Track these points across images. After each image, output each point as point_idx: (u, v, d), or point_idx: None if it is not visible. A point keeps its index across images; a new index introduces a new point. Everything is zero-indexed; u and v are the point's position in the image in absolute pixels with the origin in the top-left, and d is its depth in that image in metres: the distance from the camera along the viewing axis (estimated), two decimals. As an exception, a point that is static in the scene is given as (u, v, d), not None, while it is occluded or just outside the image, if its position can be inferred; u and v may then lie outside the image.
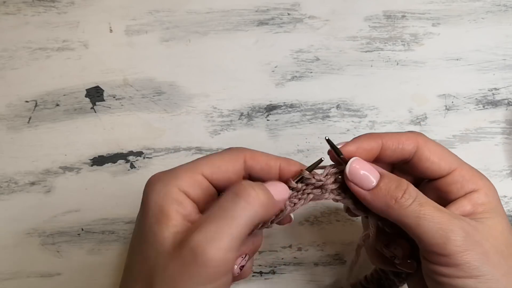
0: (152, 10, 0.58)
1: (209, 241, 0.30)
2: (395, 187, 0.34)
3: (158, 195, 0.33)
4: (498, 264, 0.33)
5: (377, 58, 0.56)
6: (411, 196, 0.34)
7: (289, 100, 0.55)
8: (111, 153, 0.54)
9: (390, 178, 0.35)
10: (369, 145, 0.36)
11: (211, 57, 0.57)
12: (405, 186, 0.34)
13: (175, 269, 0.30)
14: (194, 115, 0.55)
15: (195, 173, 0.34)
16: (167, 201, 0.33)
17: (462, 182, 0.35)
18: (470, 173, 0.36)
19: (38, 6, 0.59)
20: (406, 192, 0.34)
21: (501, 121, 0.54)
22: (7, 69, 0.57)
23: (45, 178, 0.53)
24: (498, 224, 0.34)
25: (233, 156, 0.36)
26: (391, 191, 0.34)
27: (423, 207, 0.33)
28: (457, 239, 0.32)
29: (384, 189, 0.34)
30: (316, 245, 0.51)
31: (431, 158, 0.36)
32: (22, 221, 0.52)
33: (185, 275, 0.30)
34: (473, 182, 0.36)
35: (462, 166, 0.36)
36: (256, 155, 0.36)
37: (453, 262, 0.32)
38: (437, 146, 0.36)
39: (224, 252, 0.30)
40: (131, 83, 0.56)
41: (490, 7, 0.58)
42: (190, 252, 0.30)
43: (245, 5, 0.58)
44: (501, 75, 0.56)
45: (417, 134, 0.37)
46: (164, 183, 0.34)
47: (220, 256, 0.30)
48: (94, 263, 0.51)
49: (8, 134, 0.55)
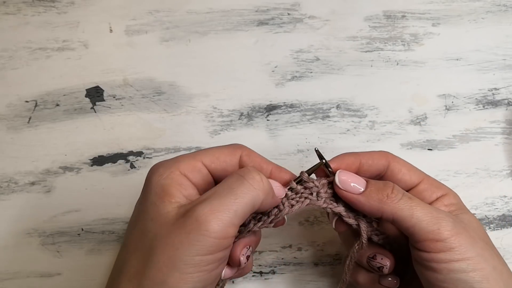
0: (152, 10, 0.58)
1: (213, 212, 0.32)
2: (384, 185, 0.37)
3: (160, 177, 0.35)
4: (484, 247, 0.36)
5: (377, 58, 0.56)
6: (400, 191, 0.37)
7: (289, 100, 0.55)
8: (111, 153, 0.54)
9: (375, 181, 0.38)
10: (350, 160, 0.40)
11: (211, 57, 0.57)
12: (391, 185, 0.37)
13: (177, 237, 0.32)
14: (194, 115, 0.55)
15: (195, 160, 0.37)
16: (169, 182, 0.35)
17: (431, 189, 0.39)
18: (436, 182, 0.40)
19: (38, 6, 0.59)
20: (394, 188, 0.37)
21: (501, 121, 0.54)
22: (7, 69, 0.57)
23: (45, 178, 0.53)
24: (472, 218, 0.38)
25: (231, 150, 0.38)
26: (381, 188, 0.37)
27: (413, 200, 0.36)
28: (448, 224, 0.35)
29: (374, 188, 0.37)
30: (316, 245, 0.51)
31: (402, 169, 0.40)
32: (22, 221, 0.52)
33: (185, 242, 0.31)
34: (440, 189, 0.40)
35: (428, 177, 0.40)
36: (252, 154, 0.39)
37: (447, 246, 0.35)
38: (405, 161, 0.41)
39: (225, 225, 0.32)
40: (131, 83, 0.56)
41: (490, 7, 0.58)
42: (194, 220, 0.32)
43: (245, 5, 0.58)
44: (501, 75, 0.56)
45: (386, 152, 0.41)
46: (165, 167, 0.36)
47: (221, 228, 0.32)
48: (94, 263, 0.51)
49: (8, 134, 0.55)
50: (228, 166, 0.38)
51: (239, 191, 0.33)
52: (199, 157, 0.37)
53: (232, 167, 0.38)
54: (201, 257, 0.32)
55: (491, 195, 0.52)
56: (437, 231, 0.35)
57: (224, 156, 0.38)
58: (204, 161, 0.37)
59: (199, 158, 0.37)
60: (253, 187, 0.34)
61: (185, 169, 0.36)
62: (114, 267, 0.36)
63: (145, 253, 0.33)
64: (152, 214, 0.34)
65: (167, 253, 0.32)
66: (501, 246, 0.51)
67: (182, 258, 0.31)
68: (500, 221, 0.52)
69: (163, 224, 0.33)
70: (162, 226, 0.33)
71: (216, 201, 0.33)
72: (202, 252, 0.32)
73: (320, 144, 0.54)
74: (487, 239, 0.38)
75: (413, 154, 0.53)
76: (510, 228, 0.51)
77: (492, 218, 0.51)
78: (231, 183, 0.34)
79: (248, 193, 0.33)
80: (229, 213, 0.32)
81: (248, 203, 0.33)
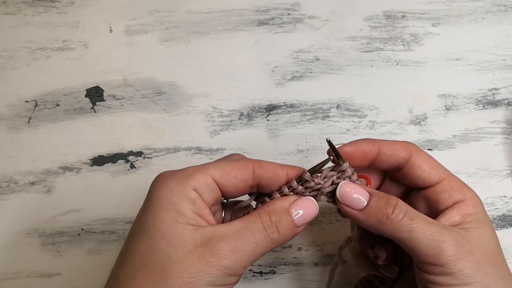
0: (152, 10, 0.58)
1: (233, 253, 0.33)
2: (385, 204, 0.35)
3: (171, 193, 0.34)
4: (488, 271, 0.34)
5: (377, 58, 0.56)
6: (401, 210, 0.35)
7: (289, 100, 0.55)
8: (111, 153, 0.54)
9: (379, 196, 0.36)
10: (367, 147, 0.38)
11: (211, 57, 0.57)
12: (394, 202, 0.35)
13: (194, 266, 0.32)
14: (194, 115, 0.55)
15: (206, 175, 0.35)
16: (181, 199, 0.34)
17: (450, 192, 0.37)
18: (458, 184, 0.38)
19: (38, 6, 0.59)
20: (396, 208, 0.35)
21: (501, 121, 0.54)
22: (7, 69, 0.57)
23: (45, 178, 0.53)
24: (485, 233, 0.36)
25: (243, 164, 0.37)
26: (381, 208, 0.35)
27: (414, 220, 0.34)
28: (449, 248, 0.33)
29: (375, 207, 0.35)
30: (316, 245, 0.51)
31: (422, 166, 0.37)
32: (22, 221, 0.52)
33: (203, 273, 0.32)
34: (460, 192, 0.37)
35: (451, 177, 0.38)
36: (264, 164, 0.37)
37: (447, 271, 0.33)
38: (428, 156, 0.38)
39: (239, 267, 0.34)
40: (131, 83, 0.56)
41: (490, 7, 0.58)
42: (215, 255, 0.33)
43: (245, 5, 0.58)
44: (501, 75, 0.56)
45: (410, 144, 0.38)
46: (177, 181, 0.35)
47: (236, 268, 0.33)
48: (94, 263, 0.51)
49: (8, 134, 0.55)
50: (238, 182, 0.36)
51: (260, 242, 0.34)
52: (209, 171, 0.36)
53: (243, 183, 0.37)
54: (213, 287, 0.33)
55: (491, 195, 0.52)
56: (436, 256, 0.33)
57: (235, 171, 0.36)
58: (215, 176, 0.36)
59: (209, 173, 0.35)
60: (272, 241, 0.35)
61: (196, 185, 0.35)
62: (114, 278, 0.35)
63: (155, 274, 0.32)
64: (162, 232, 0.33)
65: (183, 280, 0.32)
66: (501, 246, 0.51)
67: (197, 286, 0.32)
68: (500, 221, 0.52)
69: (177, 247, 0.33)
70: (177, 249, 0.33)
71: (237, 243, 0.34)
72: (216, 283, 0.33)
73: (320, 144, 0.54)
74: (497, 260, 0.36)
75: (413, 154, 0.53)
76: (510, 228, 0.51)
77: (492, 218, 0.51)
78: (254, 230, 0.34)
79: (267, 245, 0.35)
80: (246, 257, 0.34)
81: (263, 252, 0.35)
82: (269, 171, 0.37)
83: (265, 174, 0.37)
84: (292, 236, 0.36)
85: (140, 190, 0.53)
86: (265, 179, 0.37)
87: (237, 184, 0.36)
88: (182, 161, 0.54)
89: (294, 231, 0.36)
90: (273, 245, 0.35)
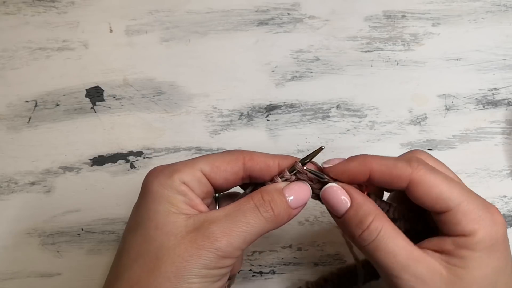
0: (152, 10, 0.58)
1: (225, 234, 0.33)
2: (357, 224, 0.34)
3: (162, 186, 0.35)
4: None
5: (377, 58, 0.56)
6: (370, 236, 0.33)
7: (289, 100, 0.55)
8: (111, 153, 0.54)
9: (356, 211, 0.34)
10: (356, 172, 0.35)
11: (211, 57, 0.57)
12: (366, 224, 0.33)
13: (187, 250, 0.33)
14: (194, 115, 0.55)
15: (194, 169, 0.36)
16: (172, 192, 0.35)
17: (455, 225, 0.33)
18: (467, 217, 0.32)
19: (38, 6, 0.59)
20: (365, 232, 0.33)
21: (501, 121, 0.54)
22: (7, 69, 0.57)
23: (45, 178, 0.53)
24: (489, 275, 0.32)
25: (233, 157, 0.37)
26: (352, 227, 0.34)
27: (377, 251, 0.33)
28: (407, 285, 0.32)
29: (347, 222, 0.35)
30: (316, 245, 0.51)
31: (424, 197, 0.33)
32: (22, 221, 0.52)
33: (195, 256, 0.32)
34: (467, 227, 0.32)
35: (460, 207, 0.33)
36: (254, 156, 0.37)
37: None
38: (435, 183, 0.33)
39: (233, 248, 0.33)
40: (131, 83, 0.56)
41: (490, 7, 0.58)
42: (206, 238, 0.33)
43: (245, 5, 0.58)
44: (501, 75, 0.56)
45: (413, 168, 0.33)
46: (166, 176, 0.35)
47: (230, 249, 0.33)
48: (94, 263, 0.51)
49: (8, 134, 0.55)
50: (229, 175, 0.37)
51: (252, 221, 0.34)
52: (198, 165, 0.36)
53: (234, 175, 0.37)
54: (207, 270, 0.33)
55: (491, 195, 0.52)
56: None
57: (225, 165, 0.36)
58: (204, 170, 0.36)
59: (198, 167, 0.36)
60: (266, 221, 0.34)
61: (185, 178, 0.35)
62: (112, 272, 0.35)
63: (150, 262, 0.33)
64: (156, 222, 0.34)
65: (176, 264, 0.32)
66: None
67: (191, 270, 0.32)
68: (500, 221, 0.52)
69: (170, 235, 0.33)
70: (170, 236, 0.33)
71: (229, 224, 0.33)
72: (210, 266, 0.33)
73: (320, 144, 0.54)
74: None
75: (413, 154, 0.53)
76: (510, 228, 0.51)
77: (492, 218, 0.51)
78: (246, 211, 0.34)
79: (260, 225, 0.34)
80: (239, 239, 0.33)
81: (258, 233, 0.34)
82: (260, 163, 0.37)
83: (256, 166, 0.37)
84: (287, 218, 0.36)
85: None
86: (256, 171, 0.37)
87: (228, 177, 0.37)
88: (182, 161, 0.54)
89: (288, 212, 0.36)
90: (267, 225, 0.35)
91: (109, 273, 0.36)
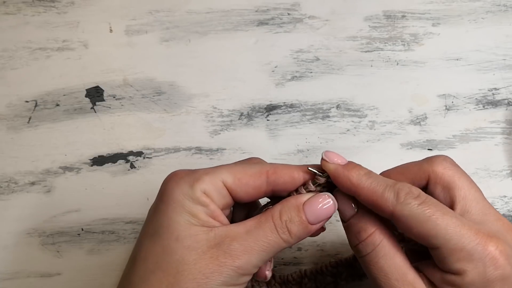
0: (152, 10, 0.58)
1: (246, 253, 0.33)
2: (356, 232, 0.34)
3: (183, 195, 0.34)
4: None
5: (377, 58, 0.56)
6: (367, 248, 0.34)
7: (289, 100, 0.55)
8: (111, 153, 0.54)
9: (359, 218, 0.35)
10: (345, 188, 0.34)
11: (211, 57, 0.57)
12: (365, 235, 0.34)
13: (208, 267, 0.32)
14: (194, 115, 0.55)
15: (216, 179, 0.35)
16: (194, 203, 0.34)
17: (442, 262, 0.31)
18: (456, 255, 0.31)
19: (38, 6, 0.59)
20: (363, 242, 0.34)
21: (501, 121, 0.54)
22: (7, 69, 0.57)
23: (45, 178, 0.53)
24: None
25: (256, 171, 0.36)
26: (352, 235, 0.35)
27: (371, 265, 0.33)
28: None
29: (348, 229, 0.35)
30: (316, 245, 0.51)
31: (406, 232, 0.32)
32: (22, 221, 0.52)
33: (216, 273, 0.32)
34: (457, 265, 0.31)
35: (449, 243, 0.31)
36: (278, 169, 0.36)
37: None
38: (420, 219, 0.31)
39: (252, 267, 0.34)
40: (131, 83, 0.56)
41: (490, 7, 0.58)
42: (227, 255, 0.33)
43: (245, 5, 0.58)
44: (501, 75, 0.56)
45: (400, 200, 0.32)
46: (188, 184, 0.34)
47: (249, 268, 0.34)
48: (94, 263, 0.51)
49: (8, 134, 0.55)
50: (250, 190, 0.36)
51: (272, 241, 0.34)
52: (220, 175, 0.35)
53: (256, 190, 0.36)
54: (226, 287, 0.33)
55: (491, 195, 0.52)
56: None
57: (247, 178, 0.35)
58: (226, 181, 0.35)
59: (220, 177, 0.35)
60: (284, 241, 0.34)
61: (206, 188, 0.34)
62: (127, 279, 0.34)
63: (169, 276, 0.32)
64: (176, 234, 0.33)
65: (197, 281, 0.32)
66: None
67: (210, 286, 0.33)
68: (500, 221, 0.51)
69: (191, 249, 0.33)
70: (191, 251, 0.33)
71: (250, 242, 0.33)
72: (229, 283, 0.33)
73: (320, 144, 0.54)
74: None
75: (413, 154, 0.53)
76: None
77: (492, 218, 0.51)
78: (266, 229, 0.34)
79: (279, 245, 0.34)
80: (258, 257, 0.34)
81: (276, 251, 0.35)
82: (284, 176, 0.36)
83: (280, 179, 0.36)
84: (305, 235, 0.35)
85: (140, 190, 0.53)
86: (280, 184, 0.36)
87: (249, 191, 0.36)
88: (182, 161, 0.54)
89: (307, 230, 0.35)
90: (285, 244, 0.34)
91: (123, 278, 0.35)
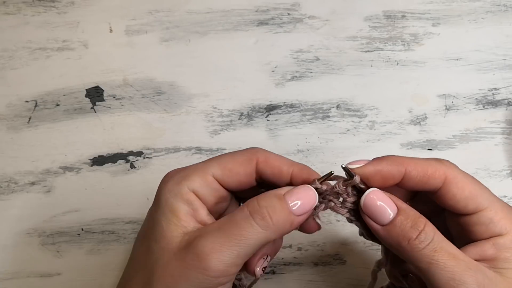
0: (152, 10, 0.58)
1: (215, 251, 0.30)
2: (410, 226, 0.31)
3: (169, 194, 0.33)
4: None
5: (377, 58, 0.56)
6: (427, 238, 0.31)
7: (289, 100, 0.55)
8: (111, 153, 0.54)
9: (407, 214, 0.32)
10: (390, 171, 0.33)
11: (211, 57, 0.57)
12: (421, 226, 0.31)
13: (176, 269, 0.31)
14: (194, 115, 0.55)
15: (205, 174, 0.34)
16: (177, 200, 0.33)
17: (488, 225, 0.32)
18: (499, 215, 0.33)
19: (38, 6, 0.59)
20: (421, 233, 0.31)
21: (501, 121, 0.54)
22: (7, 69, 0.57)
23: (45, 178, 0.53)
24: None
25: (246, 158, 0.35)
26: (405, 230, 0.31)
27: (437, 252, 0.31)
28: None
29: (398, 227, 0.32)
30: (316, 245, 0.51)
31: (457, 196, 0.33)
32: (22, 221, 0.52)
33: (184, 276, 0.30)
34: (501, 226, 0.32)
35: (492, 207, 0.33)
36: (270, 158, 0.35)
37: None
38: (467, 182, 0.33)
39: (226, 265, 0.30)
40: (131, 83, 0.56)
41: (490, 7, 0.58)
42: (194, 256, 0.30)
43: (245, 5, 0.58)
44: (501, 75, 0.56)
45: (446, 166, 0.33)
46: (175, 182, 0.33)
47: (221, 268, 0.30)
48: (94, 263, 0.51)
49: (8, 134, 0.55)
50: (242, 178, 0.34)
51: (245, 232, 0.30)
52: (210, 169, 0.34)
53: (247, 177, 0.34)
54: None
55: (491, 195, 0.52)
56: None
57: (238, 167, 0.34)
58: (216, 175, 0.34)
59: (209, 172, 0.34)
60: (261, 230, 0.31)
61: (194, 186, 0.33)
62: (121, 278, 0.35)
63: (146, 276, 0.32)
64: (157, 235, 0.32)
65: (165, 283, 0.31)
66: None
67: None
68: (500, 221, 0.52)
69: (165, 250, 0.32)
70: (164, 252, 0.32)
71: (220, 238, 0.30)
72: (200, 286, 0.31)
73: (320, 144, 0.54)
74: None
75: (413, 154, 0.53)
76: None
77: (492, 218, 0.51)
78: (239, 221, 0.31)
79: (255, 235, 0.31)
80: (232, 254, 0.30)
81: (254, 245, 0.31)
82: (274, 167, 0.34)
83: (269, 169, 0.34)
84: (289, 225, 0.32)
85: (140, 190, 0.53)
86: (267, 175, 0.35)
87: (241, 179, 0.35)
88: (182, 161, 0.54)
89: (290, 220, 0.32)
90: (264, 234, 0.31)
91: (121, 278, 0.35)
